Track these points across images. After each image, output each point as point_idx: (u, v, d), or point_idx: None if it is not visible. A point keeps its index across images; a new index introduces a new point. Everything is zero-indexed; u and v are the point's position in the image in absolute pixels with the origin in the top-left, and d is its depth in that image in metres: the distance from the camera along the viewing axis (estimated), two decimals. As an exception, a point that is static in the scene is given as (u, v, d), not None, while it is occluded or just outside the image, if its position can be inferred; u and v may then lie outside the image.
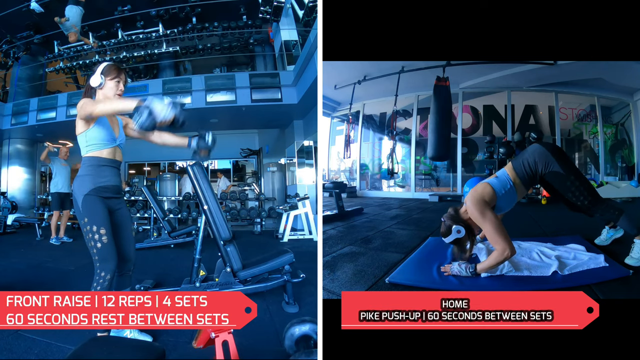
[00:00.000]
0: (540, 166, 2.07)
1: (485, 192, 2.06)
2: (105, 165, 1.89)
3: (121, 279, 1.98)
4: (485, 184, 2.10)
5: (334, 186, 5.29)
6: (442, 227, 2.12)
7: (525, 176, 2.10)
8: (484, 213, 1.98)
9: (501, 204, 2.09)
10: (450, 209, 2.14)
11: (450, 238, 2.08)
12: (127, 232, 2.01)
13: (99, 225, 1.81)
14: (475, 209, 2.00)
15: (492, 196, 2.05)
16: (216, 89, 6.97)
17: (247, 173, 10.54)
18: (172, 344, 1.95)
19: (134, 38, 8.20)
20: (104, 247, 1.81)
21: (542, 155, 2.07)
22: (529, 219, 4.04)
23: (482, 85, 6.88)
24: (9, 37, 8.14)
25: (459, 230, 2.05)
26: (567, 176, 2.04)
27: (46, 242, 5.35)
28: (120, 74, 1.94)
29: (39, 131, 8.09)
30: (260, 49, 8.76)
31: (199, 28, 8.24)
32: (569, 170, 2.06)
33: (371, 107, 8.25)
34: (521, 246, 2.49)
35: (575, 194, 2.06)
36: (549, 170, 2.06)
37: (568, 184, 2.05)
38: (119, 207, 1.97)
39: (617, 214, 2.10)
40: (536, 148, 2.11)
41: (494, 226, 1.96)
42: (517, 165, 2.12)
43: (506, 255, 1.92)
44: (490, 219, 1.97)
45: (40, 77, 8.75)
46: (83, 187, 1.85)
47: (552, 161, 2.05)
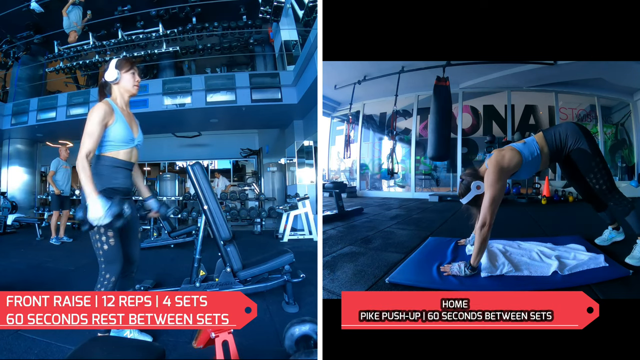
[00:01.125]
0: (571, 141, 2.09)
1: (512, 159, 2.06)
2: (119, 167, 1.86)
3: (124, 281, 1.96)
4: (514, 151, 2.09)
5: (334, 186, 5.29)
6: (460, 186, 2.11)
7: (554, 147, 2.11)
8: (499, 180, 1.99)
9: (522, 171, 2.10)
10: (469, 168, 2.14)
11: (469, 196, 2.07)
12: (134, 234, 1.99)
13: (106, 227, 1.79)
14: (495, 173, 2.00)
15: (517, 162, 2.06)
16: (216, 89, 6.97)
17: (247, 173, 10.54)
18: (172, 344, 1.95)
19: (134, 38, 8.19)
20: (110, 249, 1.79)
21: (574, 131, 2.10)
22: (529, 219, 4.04)
23: (482, 85, 6.89)
24: (9, 37, 8.14)
25: (479, 185, 2.04)
26: (593, 156, 2.07)
27: (46, 242, 5.35)
28: (134, 66, 1.93)
29: (39, 131, 8.09)
30: (260, 49, 8.76)
31: (199, 28, 8.24)
32: (596, 152, 2.08)
33: (371, 107, 8.25)
34: (521, 246, 2.49)
35: (596, 176, 2.08)
36: (577, 146, 2.08)
37: (592, 164, 2.07)
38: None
39: (630, 207, 2.11)
40: (570, 125, 2.14)
41: (496, 196, 1.96)
42: (549, 135, 2.13)
43: (484, 231, 1.94)
44: (499, 189, 1.97)
45: (40, 77, 8.75)
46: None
47: (582, 139, 2.08)
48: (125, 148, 1.87)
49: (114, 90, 1.91)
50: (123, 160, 1.87)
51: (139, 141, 1.94)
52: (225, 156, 10.12)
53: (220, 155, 9.88)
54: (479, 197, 2.06)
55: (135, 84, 1.93)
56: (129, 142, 1.88)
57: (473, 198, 2.07)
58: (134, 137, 1.91)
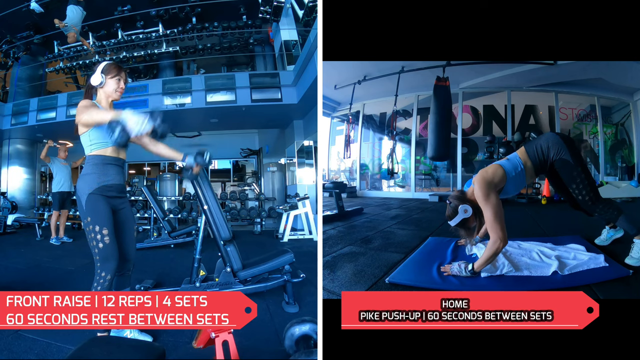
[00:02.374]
0: (552, 152, 2.08)
1: (496, 174, 2.05)
2: (109, 164, 1.89)
3: (120, 279, 1.97)
4: (496, 166, 2.09)
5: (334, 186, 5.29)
6: (448, 209, 2.11)
7: (537, 160, 2.11)
8: (489, 195, 1.98)
9: (509, 187, 2.09)
10: (456, 191, 2.14)
11: (456, 219, 2.06)
12: (129, 232, 2.01)
13: (101, 225, 1.81)
14: (482, 190, 1.99)
15: (502, 177, 2.05)
16: (216, 89, 6.97)
17: (247, 173, 10.54)
18: (172, 344, 1.95)
19: (133, 38, 8.19)
20: (105, 247, 1.81)
21: (555, 142, 2.09)
22: (529, 219, 4.04)
23: (482, 85, 6.88)
24: (9, 37, 8.14)
25: (466, 209, 2.03)
26: (575, 167, 2.06)
27: (46, 242, 5.35)
28: (120, 72, 1.95)
29: (39, 131, 8.08)
30: (260, 49, 8.76)
31: (199, 28, 8.24)
32: (578, 161, 2.07)
33: (371, 107, 8.25)
34: (521, 246, 2.49)
35: (579, 187, 2.07)
36: (559, 157, 2.07)
37: (575, 174, 2.06)
38: (123, 207, 1.97)
39: (617, 214, 2.11)
40: (550, 135, 2.14)
41: (495, 211, 1.95)
42: (531, 149, 2.13)
43: (498, 246, 1.92)
44: (494, 203, 1.96)
45: (40, 77, 8.75)
46: (87, 185, 1.84)
47: (564, 149, 2.07)
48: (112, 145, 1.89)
49: (99, 93, 1.96)
50: (112, 156, 1.90)
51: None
52: (225, 156, 10.11)
53: (220, 155, 9.87)
54: (466, 220, 2.07)
55: (118, 90, 1.95)
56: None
57: (461, 221, 2.08)
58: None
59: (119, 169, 1.94)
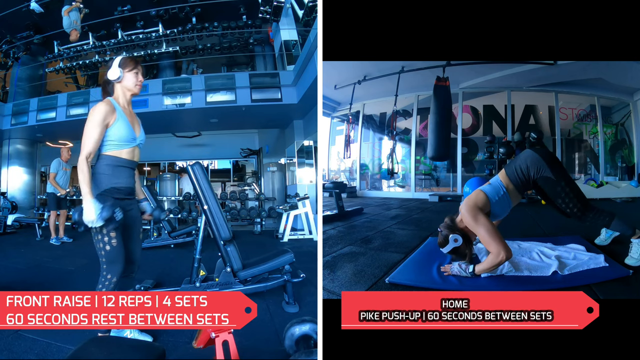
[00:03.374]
0: (533, 171, 2.08)
1: (478, 199, 2.07)
2: (122, 166, 1.85)
3: (124, 280, 1.95)
4: (478, 191, 2.12)
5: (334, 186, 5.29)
6: (439, 237, 2.14)
7: (518, 182, 2.11)
8: (477, 218, 2.00)
9: (496, 210, 2.10)
10: (447, 219, 2.16)
11: (447, 248, 2.10)
12: (135, 234, 1.99)
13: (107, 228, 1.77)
14: (469, 215, 2.02)
15: (485, 202, 2.07)
16: (216, 89, 6.97)
17: (247, 173, 10.54)
18: (172, 344, 1.95)
19: (133, 38, 8.19)
20: (112, 249, 1.79)
21: (534, 160, 2.08)
22: (529, 219, 4.04)
23: (482, 85, 6.89)
24: (9, 37, 8.13)
25: (456, 239, 2.06)
26: (557, 182, 2.05)
27: (46, 242, 5.34)
28: (137, 66, 1.92)
29: (39, 131, 8.08)
30: (260, 49, 8.76)
31: (199, 28, 8.24)
32: (560, 176, 2.06)
33: (371, 107, 8.25)
34: (521, 246, 2.50)
35: (565, 201, 2.07)
36: (540, 175, 2.07)
37: (558, 189, 2.06)
38: (130, 209, 1.94)
39: (609, 219, 2.10)
40: (528, 154, 2.12)
41: (487, 230, 1.97)
42: (510, 171, 2.13)
43: (501, 258, 1.93)
44: (483, 224, 1.98)
45: (40, 77, 8.75)
46: (97, 186, 1.80)
47: (544, 166, 2.06)
48: (128, 147, 1.87)
49: (117, 88, 1.90)
50: (125, 159, 1.87)
51: (141, 140, 1.94)
52: (225, 156, 10.11)
53: (220, 155, 9.87)
54: (457, 248, 2.09)
55: (137, 84, 1.92)
56: (131, 141, 1.87)
57: (452, 249, 2.10)
58: (136, 137, 1.90)
59: (131, 171, 1.92)
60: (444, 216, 2.20)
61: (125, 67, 1.89)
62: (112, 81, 1.89)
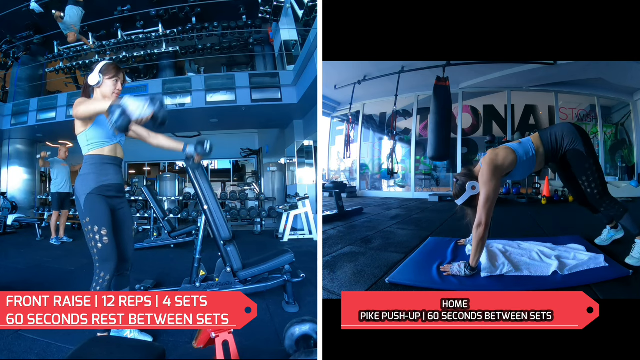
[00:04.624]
0: (567, 141, 2.07)
1: (506, 158, 2.04)
2: (107, 163, 1.88)
3: (119, 279, 1.97)
4: (508, 149, 2.08)
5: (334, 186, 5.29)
6: (455, 187, 2.10)
7: (549, 147, 2.10)
8: (492, 179, 1.97)
9: (517, 171, 2.08)
10: (464, 168, 2.12)
11: (464, 197, 2.05)
12: (128, 232, 2.01)
13: (100, 225, 1.81)
14: (488, 171, 1.98)
15: (512, 162, 2.05)
16: (216, 89, 6.97)
17: (247, 173, 10.54)
18: (172, 344, 1.95)
19: (133, 38, 8.19)
20: (104, 247, 1.81)
21: (570, 131, 2.08)
22: (529, 219, 4.04)
23: (482, 85, 6.88)
24: (9, 37, 8.14)
25: (474, 186, 2.02)
26: (587, 158, 2.05)
27: (46, 242, 5.35)
28: (118, 73, 1.94)
29: (39, 131, 8.09)
30: (260, 49, 8.76)
31: (199, 28, 8.24)
32: (591, 153, 2.07)
33: (371, 107, 8.25)
34: (521, 246, 2.49)
35: (589, 179, 2.07)
36: (573, 147, 2.06)
37: (587, 166, 2.06)
38: (121, 207, 1.97)
39: (622, 211, 2.10)
40: (566, 125, 2.13)
41: (490, 195, 1.94)
42: (545, 136, 2.12)
43: (480, 231, 1.92)
44: (493, 188, 1.96)
45: (40, 77, 8.75)
46: (85, 185, 1.84)
47: (578, 140, 2.06)
48: (109, 144, 1.90)
49: (96, 92, 1.94)
50: (109, 156, 1.90)
51: (121, 137, 1.97)
52: (225, 156, 10.12)
53: (220, 155, 9.88)
54: (474, 198, 2.05)
55: (115, 92, 1.93)
56: (111, 137, 1.90)
57: (468, 199, 2.06)
58: (116, 134, 1.93)
59: (117, 168, 1.94)
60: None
61: (106, 74, 1.91)
62: (92, 86, 1.92)
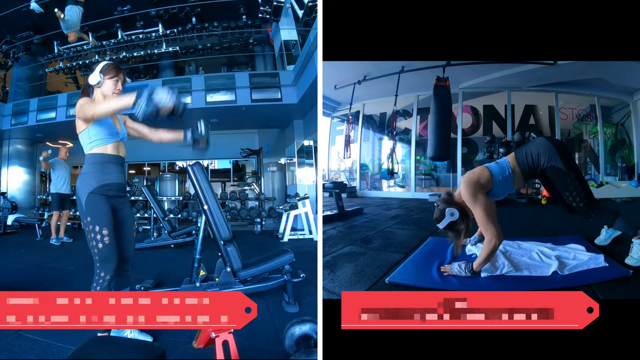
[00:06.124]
0: (543, 159, 2.05)
1: (482, 175, 2.04)
2: (109, 162, 1.87)
3: (119, 279, 1.97)
4: (483, 168, 2.08)
5: (334, 186, 5.29)
6: (436, 212, 2.10)
7: (526, 167, 2.08)
8: (476, 196, 1.96)
9: (497, 190, 2.07)
10: (444, 193, 2.12)
11: (444, 222, 2.06)
12: (129, 232, 2.00)
13: (101, 225, 1.80)
14: (468, 191, 1.98)
15: (488, 180, 2.03)
16: (216, 89, 6.97)
17: (247, 173, 10.54)
18: (172, 344, 1.95)
19: (133, 38, 8.19)
20: (105, 247, 1.80)
21: (546, 148, 2.05)
22: (529, 219, 4.04)
23: (482, 85, 6.88)
24: (9, 37, 8.14)
25: (452, 212, 2.02)
26: (567, 174, 2.03)
27: (46, 242, 5.35)
28: (119, 73, 1.93)
29: (39, 131, 8.09)
30: (260, 49, 8.76)
31: (199, 28, 8.25)
32: (570, 168, 2.04)
33: (371, 107, 8.25)
34: (521, 246, 2.49)
35: (572, 194, 2.05)
36: (550, 164, 2.04)
37: (567, 181, 2.03)
38: (123, 206, 1.96)
39: (612, 217, 2.09)
40: (542, 141, 2.09)
41: (485, 210, 1.94)
42: (520, 155, 2.10)
43: (494, 244, 1.91)
44: (482, 203, 1.95)
45: (40, 77, 8.75)
46: (87, 185, 1.82)
47: (555, 156, 2.03)
48: (112, 142, 1.89)
49: (96, 92, 1.94)
50: (112, 154, 1.89)
51: (123, 135, 1.96)
52: (225, 156, 10.12)
53: (220, 155, 9.88)
54: (454, 223, 2.06)
55: (115, 92, 1.92)
56: (114, 135, 1.90)
57: (448, 224, 2.07)
58: (118, 131, 1.93)
59: (120, 167, 1.93)
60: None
61: (106, 74, 1.91)
62: (92, 86, 1.92)
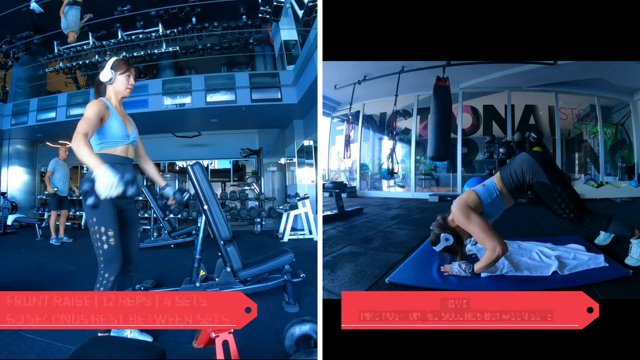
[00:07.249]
0: (528, 176, 2.07)
1: (469, 199, 2.07)
2: (118, 164, 1.85)
3: (122, 280, 1.96)
4: (470, 192, 2.12)
5: (334, 186, 5.29)
6: (431, 236, 2.14)
7: (512, 186, 2.10)
8: (469, 217, 2.00)
9: (487, 211, 2.10)
10: (439, 217, 2.16)
11: (439, 247, 2.10)
12: (133, 233, 2.00)
13: (107, 226, 1.79)
14: (461, 214, 2.02)
15: (476, 203, 2.07)
16: (216, 89, 6.97)
17: (247, 173, 10.54)
18: (172, 344, 1.95)
19: (133, 38, 8.19)
20: (110, 248, 1.79)
21: (529, 165, 2.06)
22: (529, 219, 4.04)
23: (482, 85, 6.89)
24: (9, 37, 8.14)
25: (447, 238, 2.07)
26: (553, 187, 2.03)
27: (46, 242, 5.35)
28: (130, 69, 1.94)
29: (39, 131, 8.09)
30: (260, 49, 8.76)
31: (199, 28, 8.24)
32: (556, 181, 2.04)
33: (371, 107, 8.25)
34: (521, 246, 2.50)
35: (561, 206, 2.06)
36: (536, 180, 2.05)
37: (554, 195, 2.04)
38: (128, 208, 1.96)
39: (606, 223, 2.09)
40: (524, 158, 2.10)
41: (480, 228, 1.96)
42: (505, 175, 2.12)
43: (498, 253, 1.92)
44: (475, 221, 1.98)
45: (40, 77, 8.75)
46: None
47: (540, 172, 2.04)
48: (122, 144, 1.89)
49: (108, 90, 1.94)
50: (121, 156, 1.89)
51: (134, 138, 1.96)
52: (225, 156, 10.13)
53: (220, 155, 9.89)
54: (449, 247, 2.09)
55: (128, 87, 1.94)
56: (124, 138, 1.90)
57: (444, 247, 2.10)
58: (129, 134, 1.93)
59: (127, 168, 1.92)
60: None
61: (117, 69, 1.91)
62: (104, 83, 1.92)
